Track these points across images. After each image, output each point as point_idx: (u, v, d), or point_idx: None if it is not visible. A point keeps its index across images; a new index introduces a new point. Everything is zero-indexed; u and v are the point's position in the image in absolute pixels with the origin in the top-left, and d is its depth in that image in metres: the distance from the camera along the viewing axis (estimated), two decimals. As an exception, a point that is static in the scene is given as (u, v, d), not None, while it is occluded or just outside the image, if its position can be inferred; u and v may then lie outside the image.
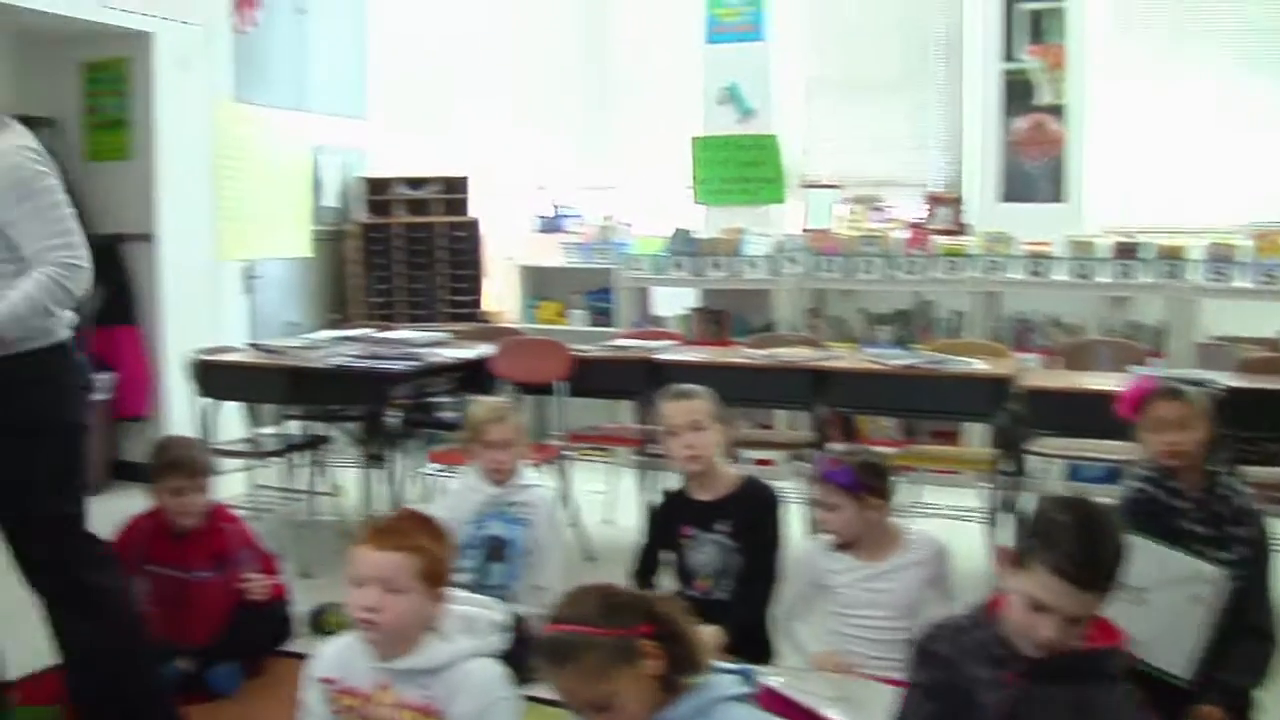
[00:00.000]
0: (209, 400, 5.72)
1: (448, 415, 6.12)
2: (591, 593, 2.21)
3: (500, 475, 4.09)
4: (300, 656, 4.12)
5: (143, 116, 7.05)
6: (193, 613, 4.00)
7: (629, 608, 2.14)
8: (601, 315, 7.90)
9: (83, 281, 3.19)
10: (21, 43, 7.14)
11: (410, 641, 2.57)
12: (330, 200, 8.37)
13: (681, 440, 3.74)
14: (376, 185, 8.43)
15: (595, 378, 5.62)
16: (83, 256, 3.19)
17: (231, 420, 5.95)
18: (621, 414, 6.72)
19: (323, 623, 4.47)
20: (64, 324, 3.28)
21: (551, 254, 8.26)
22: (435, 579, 2.57)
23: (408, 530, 2.62)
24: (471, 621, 2.65)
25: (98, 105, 7.19)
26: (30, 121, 6.82)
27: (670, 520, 3.84)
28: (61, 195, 3.26)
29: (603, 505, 6.10)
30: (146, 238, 7.04)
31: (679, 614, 2.17)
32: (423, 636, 2.57)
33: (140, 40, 6.94)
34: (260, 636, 4.09)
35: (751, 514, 3.73)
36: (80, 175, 7.14)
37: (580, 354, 5.66)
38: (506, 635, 2.67)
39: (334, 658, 2.70)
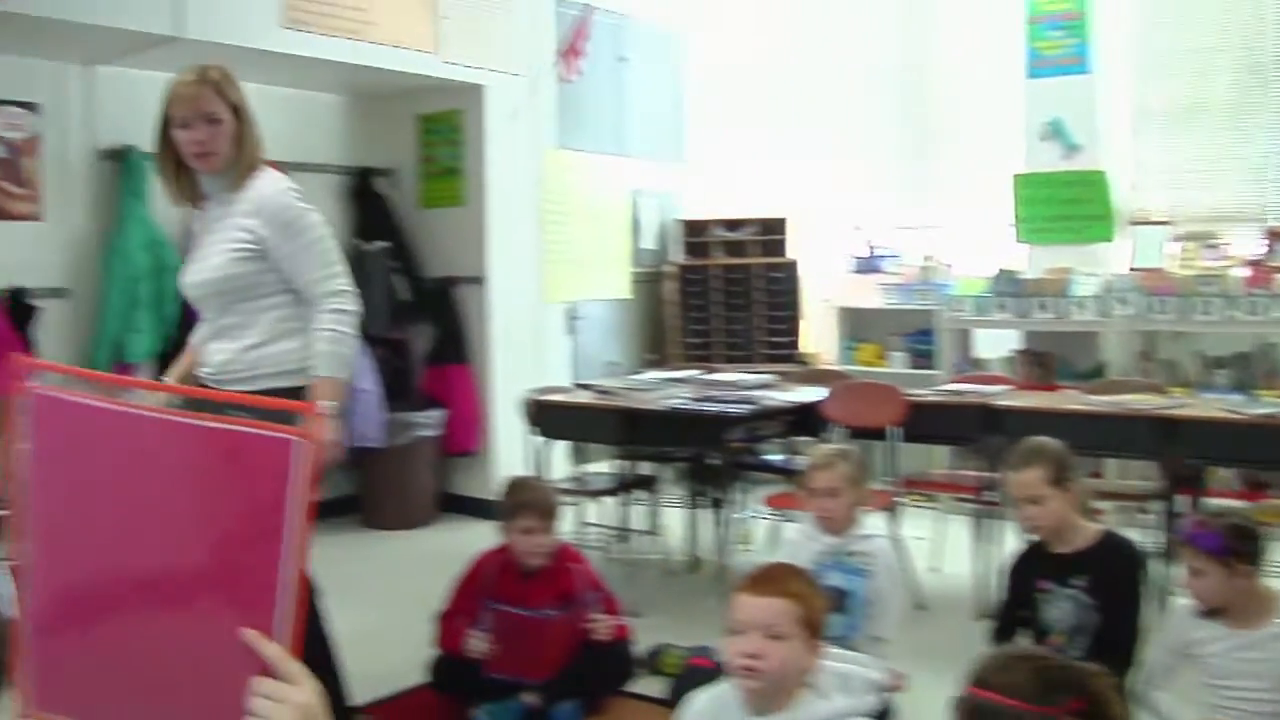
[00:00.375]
0: (542, 438, 5.83)
1: (776, 458, 6.10)
2: (1024, 662, 2.10)
3: (830, 523, 4.00)
4: (640, 697, 4.19)
5: (474, 165, 7.33)
6: (537, 650, 4.05)
7: (1063, 683, 2.02)
8: (922, 357, 7.74)
9: (353, 302, 3.49)
10: (363, 99, 7.55)
11: (787, 695, 2.52)
12: (649, 242, 8.51)
13: (1022, 512, 3.65)
14: (694, 227, 8.53)
15: (928, 423, 5.48)
16: (348, 282, 3.51)
17: (554, 457, 6.06)
18: (941, 458, 6.58)
19: (659, 664, 4.50)
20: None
21: (869, 295, 8.16)
22: (813, 628, 2.52)
23: (785, 577, 2.60)
24: (847, 679, 2.59)
25: (432, 155, 7.51)
26: (370, 172, 7.28)
27: (1027, 573, 3.70)
28: (326, 229, 3.54)
29: (929, 552, 5.95)
30: (477, 280, 7.30)
31: (1110, 692, 2.06)
32: (799, 691, 2.53)
33: (472, 93, 7.23)
34: (603, 676, 4.13)
35: (1110, 570, 3.56)
36: (415, 221, 7.49)
37: (914, 398, 5.54)
38: (883, 695, 2.61)
39: (706, 708, 2.67)
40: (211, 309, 3.55)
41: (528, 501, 4.09)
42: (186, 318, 6.31)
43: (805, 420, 5.60)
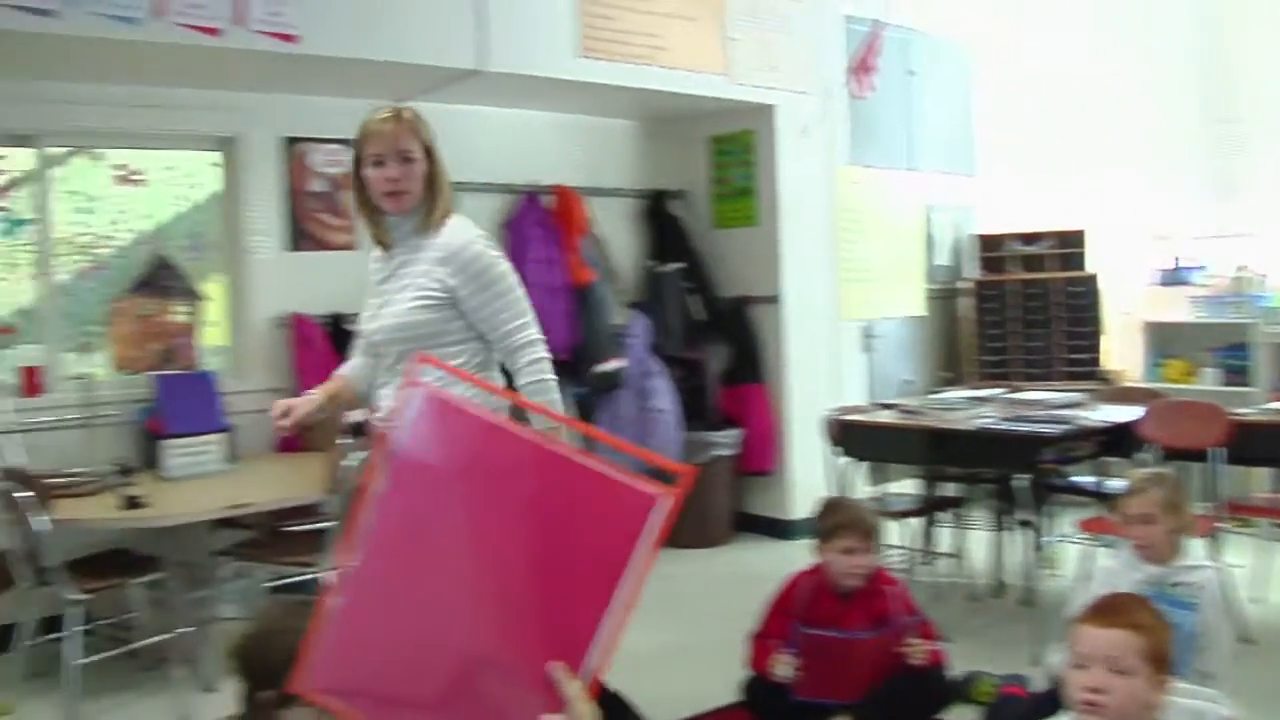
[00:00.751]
0: (846, 459, 5.78)
1: (1085, 480, 5.90)
2: None
3: (1148, 551, 3.82)
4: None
5: (766, 184, 7.34)
6: (848, 671, 4.01)
7: None
8: (1235, 374, 7.35)
9: (546, 348, 3.48)
10: (656, 122, 7.69)
11: (1134, 734, 2.43)
12: (943, 258, 8.37)
13: None
14: (989, 242, 8.35)
15: (1254, 444, 5.18)
16: (539, 329, 3.48)
17: (855, 477, 6.01)
18: (1260, 481, 6.26)
19: (972, 691, 4.42)
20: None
21: (1176, 308, 7.82)
22: (1160, 662, 2.42)
23: (1130, 608, 2.51)
24: (1200, 717, 2.48)
25: (724, 176, 7.58)
26: (664, 194, 7.39)
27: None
28: (515, 277, 3.50)
29: (1250, 581, 5.64)
30: (772, 299, 7.31)
31: None
32: (1147, 730, 2.43)
33: (763, 113, 7.26)
34: (918, 702, 4.04)
35: None
36: (709, 242, 7.56)
37: (1238, 418, 5.26)
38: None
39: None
40: (392, 355, 3.53)
41: (848, 521, 4.04)
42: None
43: (1117, 440, 5.38)
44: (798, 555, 4.70)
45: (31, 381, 5.66)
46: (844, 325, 7.61)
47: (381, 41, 5.63)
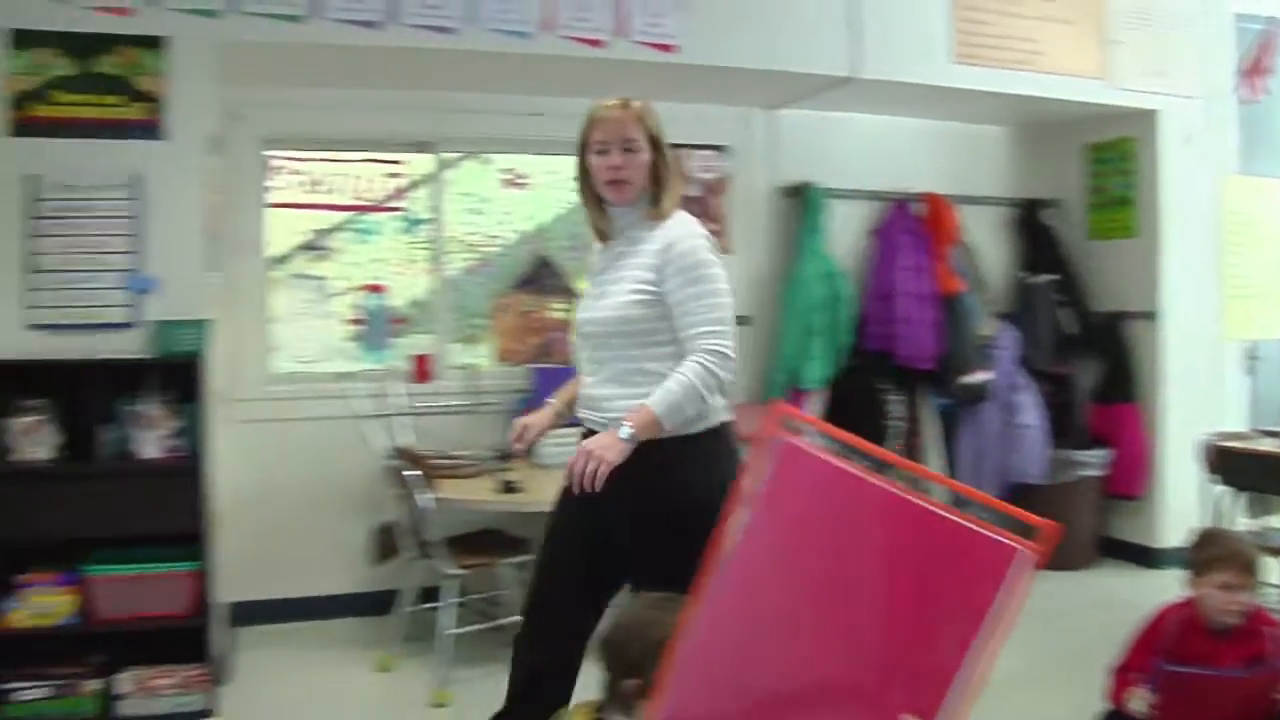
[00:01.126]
0: (1224, 488, 5.48)
1: None
2: None
3: None
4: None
5: (1147, 194, 7.02)
6: (1215, 713, 3.82)
7: None
8: None
9: (731, 369, 3.21)
10: (1029, 129, 7.50)
11: None
12: (1342, 277, 7.79)
13: None
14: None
15: None
16: (732, 346, 3.23)
17: (1233, 508, 5.70)
18: None
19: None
20: (720, 409, 3.31)
21: None
22: None
23: None
24: None
25: (1101, 185, 7.30)
26: (1036, 203, 7.20)
27: None
28: (724, 284, 3.29)
29: None
30: (1149, 315, 6.98)
31: None
32: None
33: (1144, 119, 6.94)
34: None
35: None
36: (1083, 253, 7.31)
37: None
38: None
39: None
40: (606, 350, 3.40)
41: (1227, 554, 3.82)
42: (857, 347, 6.62)
43: None
44: (1165, 586, 4.50)
45: (422, 368, 6.07)
46: (1226, 345, 7.19)
47: (756, 50, 5.74)
